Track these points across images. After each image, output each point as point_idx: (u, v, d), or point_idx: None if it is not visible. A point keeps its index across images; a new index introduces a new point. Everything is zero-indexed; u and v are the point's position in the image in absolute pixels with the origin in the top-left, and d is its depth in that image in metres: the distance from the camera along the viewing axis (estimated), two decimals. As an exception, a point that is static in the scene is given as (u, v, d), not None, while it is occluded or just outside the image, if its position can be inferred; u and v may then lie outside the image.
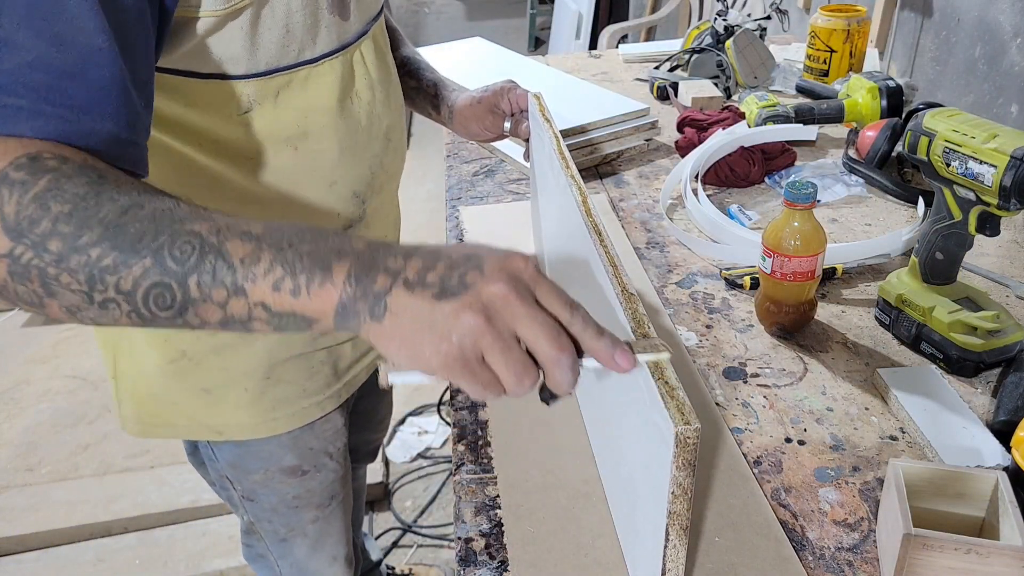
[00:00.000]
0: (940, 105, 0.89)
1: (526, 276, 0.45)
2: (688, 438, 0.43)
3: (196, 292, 0.46)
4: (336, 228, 0.76)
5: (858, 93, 1.32)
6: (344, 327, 0.47)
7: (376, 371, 0.95)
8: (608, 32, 3.07)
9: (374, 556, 1.53)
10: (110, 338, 0.83)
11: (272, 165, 0.72)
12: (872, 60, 1.59)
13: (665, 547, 0.48)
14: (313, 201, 0.76)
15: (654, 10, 3.58)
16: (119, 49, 0.51)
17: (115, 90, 0.51)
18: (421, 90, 1.01)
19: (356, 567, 1.16)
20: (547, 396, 0.47)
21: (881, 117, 1.30)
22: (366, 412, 1.18)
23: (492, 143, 1.11)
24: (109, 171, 0.49)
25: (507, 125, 0.96)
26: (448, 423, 2.12)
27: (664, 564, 0.49)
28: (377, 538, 1.83)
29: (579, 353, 0.46)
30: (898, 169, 1.20)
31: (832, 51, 1.54)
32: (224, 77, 0.65)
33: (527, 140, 0.96)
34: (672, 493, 0.45)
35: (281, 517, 0.96)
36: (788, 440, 0.73)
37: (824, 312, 0.90)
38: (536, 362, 0.45)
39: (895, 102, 1.29)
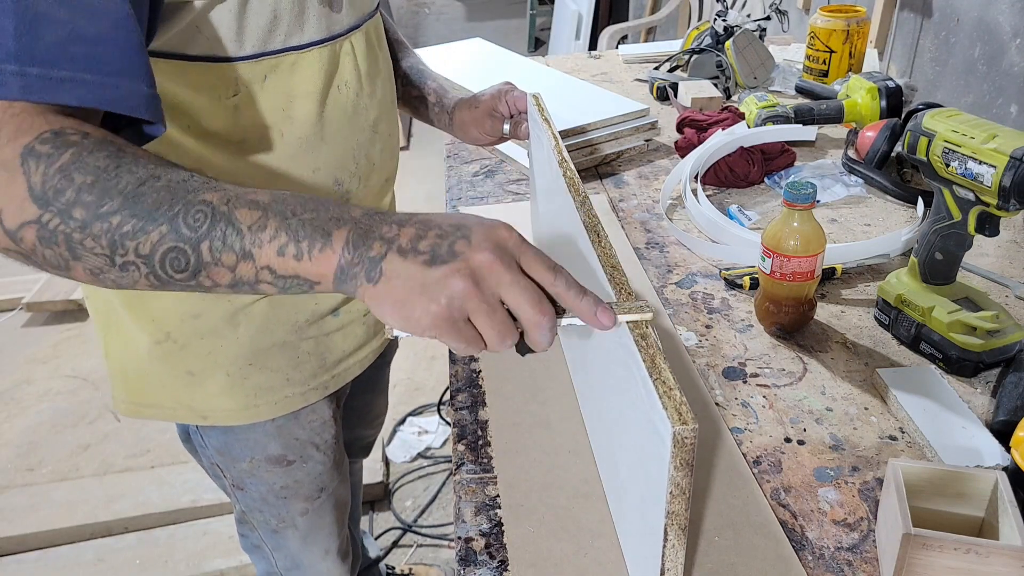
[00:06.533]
0: (939, 105, 0.89)
1: (510, 245, 0.50)
2: (686, 438, 0.43)
3: (208, 256, 0.50)
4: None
5: (857, 93, 1.32)
6: (342, 289, 0.51)
7: (369, 368, 0.97)
8: (608, 33, 3.08)
9: (372, 553, 1.53)
10: (102, 317, 0.85)
11: (257, 149, 0.74)
12: (871, 60, 1.59)
13: (664, 547, 0.48)
14: (295, 186, 0.78)
15: (654, 11, 3.58)
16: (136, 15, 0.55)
17: (141, 52, 0.55)
18: (423, 99, 1.02)
19: (355, 563, 1.16)
20: (524, 350, 0.52)
21: (880, 117, 1.30)
22: (360, 408, 1.18)
23: (493, 146, 1.11)
24: (126, 146, 0.52)
25: (506, 127, 0.96)
26: (448, 423, 2.12)
27: (663, 564, 0.49)
28: (377, 538, 1.83)
29: (560, 312, 0.51)
30: (897, 169, 1.20)
31: (831, 51, 1.54)
32: (213, 59, 0.66)
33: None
34: (670, 493, 0.45)
35: (271, 508, 0.97)
36: (788, 440, 0.73)
37: (823, 312, 0.90)
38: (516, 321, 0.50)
39: (894, 102, 1.29)
